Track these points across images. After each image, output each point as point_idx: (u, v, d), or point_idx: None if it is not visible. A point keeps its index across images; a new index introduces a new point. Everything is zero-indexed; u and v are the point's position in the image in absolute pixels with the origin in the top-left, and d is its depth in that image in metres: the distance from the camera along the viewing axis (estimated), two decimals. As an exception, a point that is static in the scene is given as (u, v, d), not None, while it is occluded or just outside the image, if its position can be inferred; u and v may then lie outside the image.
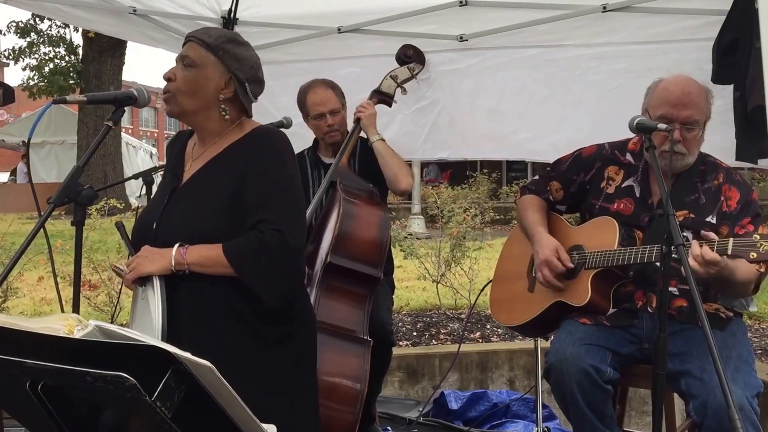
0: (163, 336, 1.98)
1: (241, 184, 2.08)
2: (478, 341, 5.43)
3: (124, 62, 16.15)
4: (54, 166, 18.68)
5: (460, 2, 3.64)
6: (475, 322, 5.75)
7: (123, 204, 6.99)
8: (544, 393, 3.39)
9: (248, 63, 2.19)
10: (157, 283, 2.04)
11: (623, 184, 2.77)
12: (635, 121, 2.43)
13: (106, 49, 15.34)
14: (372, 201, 3.16)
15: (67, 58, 19.01)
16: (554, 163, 2.99)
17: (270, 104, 3.96)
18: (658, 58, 3.44)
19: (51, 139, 19.02)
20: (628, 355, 2.63)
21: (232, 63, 2.15)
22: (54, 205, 2.09)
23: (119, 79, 16.02)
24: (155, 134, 48.29)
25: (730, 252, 2.27)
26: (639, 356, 2.65)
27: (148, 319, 2.04)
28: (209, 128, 2.20)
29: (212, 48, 2.14)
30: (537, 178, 3.05)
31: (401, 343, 5.27)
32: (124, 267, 2.14)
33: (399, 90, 3.66)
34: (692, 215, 2.64)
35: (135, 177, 2.82)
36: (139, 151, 21.42)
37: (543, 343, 3.35)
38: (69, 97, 2.27)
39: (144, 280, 2.08)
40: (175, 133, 2.45)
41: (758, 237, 2.26)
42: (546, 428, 3.45)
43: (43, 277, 6.65)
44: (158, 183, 2.43)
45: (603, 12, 3.46)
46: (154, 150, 24.69)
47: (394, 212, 13.20)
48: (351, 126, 3.45)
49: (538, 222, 2.88)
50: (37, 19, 18.50)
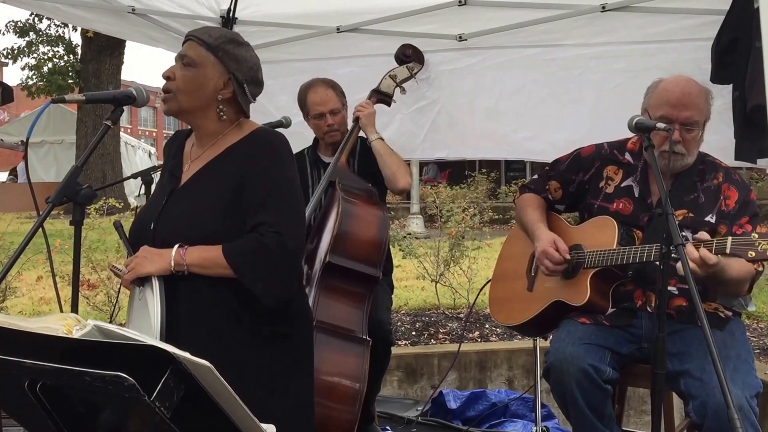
0: (161, 337, 1.98)
1: (241, 186, 2.08)
2: (477, 341, 5.43)
3: (122, 62, 16.16)
4: (53, 165, 18.67)
5: (459, 2, 3.64)
6: (473, 322, 5.75)
7: (122, 203, 6.98)
8: (542, 392, 3.39)
9: (248, 64, 2.18)
10: (155, 284, 2.03)
11: (622, 184, 2.77)
12: (634, 121, 2.43)
13: (105, 49, 15.34)
14: (371, 200, 3.16)
15: (65, 57, 19.03)
16: (553, 162, 2.99)
17: (269, 103, 3.95)
18: (657, 58, 3.44)
19: (50, 138, 19.00)
20: (627, 355, 2.63)
21: (231, 64, 2.14)
22: (52, 205, 2.08)
23: (118, 78, 16.03)
24: (154, 133, 48.26)
25: (728, 251, 2.27)
26: (638, 356, 2.65)
27: (146, 320, 2.03)
28: (207, 128, 2.19)
29: (212, 48, 2.13)
30: (536, 177, 3.05)
31: (400, 342, 5.27)
32: (122, 267, 2.13)
33: (398, 89, 3.66)
34: (691, 214, 2.63)
35: (134, 176, 2.82)
36: (138, 151, 21.41)
37: (542, 343, 3.35)
38: (68, 97, 2.26)
39: (143, 281, 2.07)
40: (173, 133, 2.44)
41: (756, 236, 2.27)
42: (545, 428, 3.44)
43: (42, 276, 6.64)
44: (156, 183, 2.43)
45: (602, 12, 3.46)
46: (153, 149, 24.67)
47: (393, 212, 13.21)
48: (351, 125, 3.46)
49: (538, 219, 2.88)
50: (36, 19, 18.52)
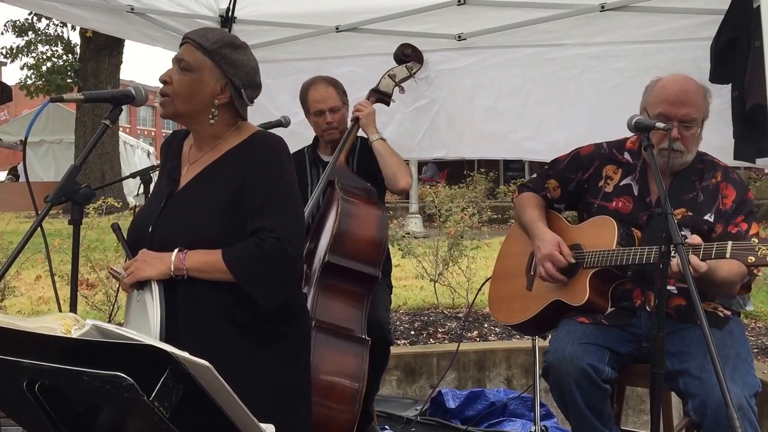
0: (161, 340, 1.97)
1: (240, 190, 2.07)
2: (476, 340, 5.43)
3: (121, 61, 16.15)
4: (52, 165, 18.67)
5: (459, 1, 3.64)
6: (472, 321, 5.75)
7: (120, 203, 6.98)
8: (541, 392, 3.38)
9: (245, 69, 2.16)
10: (155, 288, 2.03)
11: (621, 183, 2.77)
12: (633, 120, 2.43)
13: (104, 48, 15.33)
14: (370, 200, 3.16)
15: (64, 56, 19.02)
16: (552, 162, 2.98)
17: (268, 103, 3.95)
18: (656, 58, 3.44)
19: (49, 138, 19.01)
20: (626, 354, 2.63)
21: (228, 69, 2.12)
22: (51, 204, 2.08)
23: (117, 77, 16.02)
24: (153, 133, 48.19)
25: (728, 256, 2.28)
26: (637, 355, 2.65)
27: (144, 322, 2.03)
28: (206, 131, 2.18)
29: (209, 52, 2.11)
30: (535, 176, 3.05)
31: (399, 342, 5.27)
32: (120, 270, 2.12)
33: (397, 89, 3.66)
34: (690, 213, 2.64)
35: (132, 176, 2.82)
36: (137, 150, 21.41)
37: (541, 342, 3.34)
38: (66, 96, 2.25)
39: (142, 284, 2.07)
40: (171, 133, 2.43)
41: (756, 241, 2.28)
42: (543, 427, 3.44)
43: (41, 275, 6.65)
44: (154, 184, 2.42)
45: (601, 11, 3.46)
46: (152, 149, 24.64)
47: (392, 211, 13.20)
48: (350, 125, 3.45)
49: (538, 218, 2.87)
50: (34, 18, 18.52)
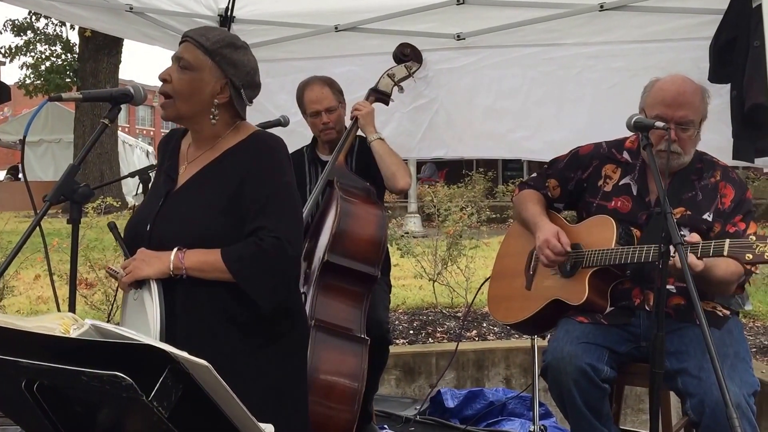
0: (161, 339, 1.97)
1: (239, 189, 2.07)
2: (475, 340, 5.43)
3: (120, 60, 16.13)
4: (51, 164, 18.67)
5: (458, 1, 3.64)
6: (471, 321, 5.75)
7: (119, 202, 6.98)
8: (540, 391, 3.38)
9: (245, 69, 2.15)
10: (154, 287, 2.02)
11: (620, 182, 2.78)
12: (632, 120, 2.44)
13: (103, 48, 15.32)
14: (369, 199, 3.15)
15: (63, 56, 19.02)
16: (551, 161, 2.99)
17: (268, 102, 3.95)
18: (655, 57, 3.44)
19: (48, 137, 19.00)
20: (625, 354, 2.63)
21: (228, 69, 2.12)
22: (50, 203, 2.08)
23: (116, 77, 16.00)
24: (151, 132, 48.18)
25: (726, 254, 2.29)
26: (636, 354, 2.65)
27: (141, 322, 2.02)
28: (204, 131, 2.18)
29: (209, 52, 2.10)
30: (534, 175, 3.05)
31: (398, 341, 5.27)
32: (118, 269, 2.12)
33: (396, 88, 3.66)
34: (689, 212, 2.64)
35: (131, 175, 2.82)
36: (136, 150, 21.40)
37: (540, 342, 3.34)
38: (65, 95, 2.25)
39: (140, 283, 2.06)
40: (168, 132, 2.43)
41: (754, 239, 2.28)
42: (543, 426, 3.44)
43: (40, 275, 6.64)
44: (151, 183, 2.41)
45: (600, 11, 3.46)
46: (151, 148, 24.62)
47: (391, 211, 13.19)
48: (350, 124, 3.45)
49: (539, 212, 2.88)
50: (33, 18, 18.52)
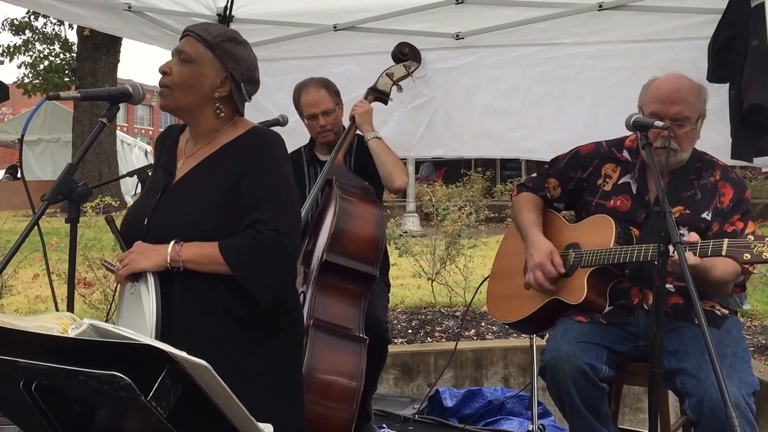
0: (157, 333, 1.97)
1: (237, 184, 2.07)
2: (473, 339, 5.43)
3: (119, 60, 16.10)
4: (49, 163, 18.63)
5: (456, 0, 3.63)
6: (470, 320, 5.74)
7: (118, 202, 6.97)
8: (538, 390, 3.38)
9: (245, 63, 2.17)
10: (151, 280, 2.02)
11: (620, 181, 2.78)
12: (632, 119, 2.44)
13: (101, 47, 15.29)
14: (368, 198, 3.15)
15: (62, 55, 19.00)
16: (552, 160, 2.98)
17: (266, 101, 3.95)
18: (654, 57, 3.45)
19: (46, 136, 18.96)
20: (623, 353, 2.63)
21: (229, 62, 2.13)
22: (48, 202, 2.08)
23: (114, 76, 15.96)
24: (150, 132, 48.12)
25: (724, 253, 2.29)
26: (635, 354, 2.65)
27: (138, 315, 2.02)
28: (203, 125, 2.19)
29: (210, 45, 2.12)
30: (534, 175, 3.05)
31: (396, 340, 5.27)
32: (115, 262, 2.12)
33: (395, 88, 3.66)
34: (688, 211, 2.64)
35: (130, 174, 2.83)
36: (134, 149, 21.37)
37: (538, 341, 3.35)
38: (63, 94, 2.25)
39: (137, 276, 2.06)
40: (166, 128, 2.43)
41: (752, 238, 2.28)
42: (541, 426, 3.44)
43: (39, 274, 6.64)
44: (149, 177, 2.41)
45: (599, 10, 3.46)
46: (149, 148, 24.59)
47: (389, 210, 13.18)
48: (348, 124, 3.45)
49: (533, 222, 2.87)
50: (32, 17, 18.49)
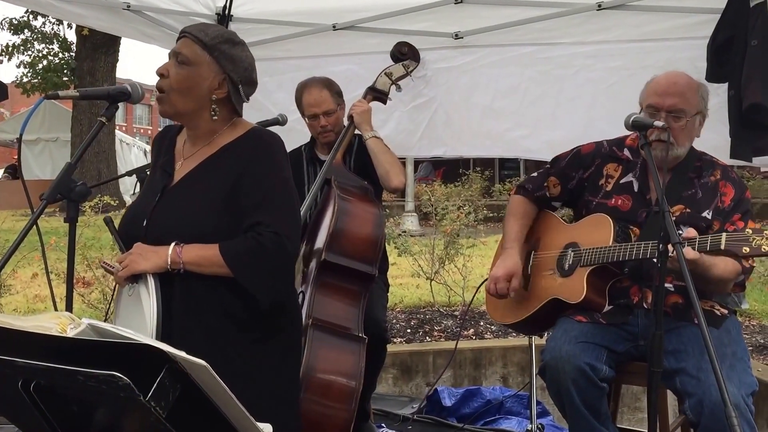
0: (158, 335, 1.97)
1: (237, 185, 2.07)
2: (472, 338, 5.43)
3: (117, 59, 16.07)
4: (48, 163, 18.62)
5: (456, 0, 3.63)
6: (468, 319, 5.74)
7: (117, 201, 6.95)
8: (537, 389, 3.38)
9: (243, 65, 2.16)
10: (151, 282, 2.02)
11: (621, 180, 2.78)
12: (631, 119, 2.44)
13: (100, 46, 15.27)
14: (367, 198, 3.15)
15: (60, 55, 18.97)
16: (553, 159, 2.99)
17: (266, 100, 3.95)
18: (653, 56, 3.45)
19: (45, 136, 18.94)
20: (623, 353, 2.63)
21: (227, 64, 2.12)
22: (46, 202, 2.07)
23: (113, 76, 15.94)
24: (149, 131, 48.09)
25: (723, 247, 2.29)
26: (634, 353, 2.65)
27: (137, 316, 2.02)
28: (201, 127, 2.18)
29: (208, 47, 2.10)
30: (535, 174, 3.04)
31: (395, 340, 5.27)
32: (115, 264, 2.12)
33: (394, 87, 3.66)
34: (688, 210, 2.64)
35: (128, 174, 2.82)
36: (133, 149, 21.35)
37: (537, 340, 3.35)
38: (61, 93, 2.24)
39: (136, 278, 2.06)
40: (163, 128, 2.42)
41: (750, 232, 2.28)
42: (540, 425, 3.43)
43: (37, 274, 6.63)
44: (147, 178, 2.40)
45: (598, 10, 3.46)
46: (148, 147, 24.53)
47: (388, 210, 13.18)
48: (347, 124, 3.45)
49: (515, 237, 2.92)
50: (30, 16, 18.47)
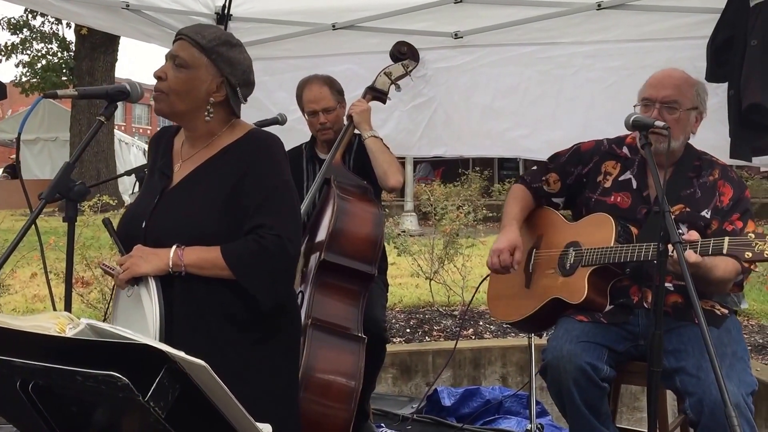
0: (160, 336, 1.96)
1: (238, 187, 2.06)
2: (471, 338, 5.43)
3: (116, 59, 16.06)
4: (47, 162, 18.61)
5: (455, 0, 3.63)
6: (468, 319, 5.74)
7: (116, 201, 6.94)
8: (536, 389, 3.38)
9: (241, 67, 2.15)
10: (152, 284, 2.01)
11: (620, 178, 2.78)
12: (631, 119, 2.44)
13: (99, 46, 15.26)
14: (366, 198, 3.15)
15: (59, 54, 18.96)
16: (553, 155, 2.99)
17: (266, 99, 3.96)
18: (653, 56, 3.44)
19: (44, 135, 18.94)
20: (623, 352, 2.63)
21: (225, 67, 2.11)
22: (45, 201, 2.07)
23: (112, 75, 15.92)
24: (148, 131, 48.07)
25: (725, 251, 2.28)
26: (634, 353, 2.65)
27: (137, 318, 2.01)
28: (199, 128, 2.17)
29: (206, 50, 2.09)
30: (535, 168, 3.04)
31: (394, 339, 5.27)
32: (115, 266, 2.11)
33: (393, 87, 3.65)
34: (687, 209, 2.64)
35: (127, 173, 2.82)
36: (132, 148, 21.33)
37: (536, 340, 3.35)
38: (60, 92, 2.23)
39: (137, 280, 2.05)
40: (159, 129, 2.41)
41: (753, 236, 2.27)
42: (539, 425, 3.43)
43: (37, 273, 6.62)
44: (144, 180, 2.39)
45: (597, 10, 3.46)
46: (147, 147, 24.58)
47: (387, 209, 13.17)
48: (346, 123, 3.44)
49: (515, 216, 2.90)
50: (29, 15, 18.46)
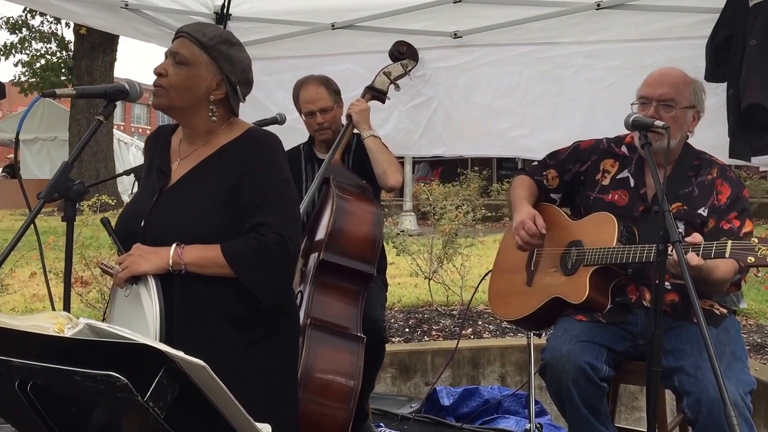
0: (160, 336, 1.96)
1: (237, 186, 2.06)
2: (470, 337, 5.42)
3: (115, 58, 16.05)
4: (46, 162, 18.61)
5: (454, -1, 3.63)
6: (467, 318, 5.74)
7: (115, 200, 6.94)
8: (535, 388, 3.38)
9: (241, 66, 2.15)
10: (151, 283, 2.01)
11: (618, 176, 2.79)
12: (631, 119, 2.45)
13: (98, 46, 15.25)
14: (365, 197, 3.14)
15: (58, 54, 18.93)
16: (553, 152, 3.00)
17: (266, 99, 3.96)
18: (652, 56, 3.44)
19: (43, 135, 18.92)
20: (622, 352, 2.63)
21: (225, 65, 2.12)
22: (44, 200, 2.06)
23: (111, 75, 15.91)
24: (147, 130, 48.08)
25: (727, 256, 2.28)
26: (633, 353, 2.65)
27: (136, 317, 2.01)
28: (198, 126, 2.17)
29: (206, 47, 2.10)
30: (535, 164, 3.05)
31: (393, 339, 5.27)
32: (114, 265, 2.10)
33: (392, 86, 3.65)
34: (685, 207, 2.65)
35: (126, 173, 2.82)
36: (131, 148, 21.32)
37: (535, 340, 3.34)
38: (58, 91, 2.23)
39: (135, 279, 2.04)
40: (157, 128, 2.41)
41: (756, 241, 2.26)
42: (539, 425, 3.43)
43: (36, 273, 6.62)
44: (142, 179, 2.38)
45: (597, 9, 3.46)
46: (146, 146, 24.55)
47: (386, 209, 13.19)
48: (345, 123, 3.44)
49: (524, 197, 2.92)
50: (28, 15, 18.44)
